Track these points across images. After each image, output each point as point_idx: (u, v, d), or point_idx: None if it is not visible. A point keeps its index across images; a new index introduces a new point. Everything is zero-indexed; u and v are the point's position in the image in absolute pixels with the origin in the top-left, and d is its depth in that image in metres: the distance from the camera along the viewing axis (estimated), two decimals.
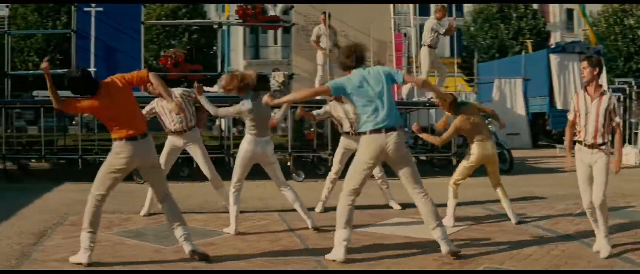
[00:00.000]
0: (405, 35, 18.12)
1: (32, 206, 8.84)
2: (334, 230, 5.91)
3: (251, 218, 7.76)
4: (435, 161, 14.48)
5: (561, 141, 19.83)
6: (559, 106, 20.87)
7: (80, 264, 5.51)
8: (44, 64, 5.52)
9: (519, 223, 7.69)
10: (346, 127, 8.54)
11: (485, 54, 36.92)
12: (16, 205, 8.63)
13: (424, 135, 7.91)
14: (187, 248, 5.72)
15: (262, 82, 10.91)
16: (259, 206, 8.94)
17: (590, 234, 6.37)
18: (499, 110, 14.37)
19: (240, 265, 5.66)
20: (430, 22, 12.47)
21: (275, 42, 46.26)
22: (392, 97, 5.90)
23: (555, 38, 42.82)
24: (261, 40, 46.79)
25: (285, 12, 30.76)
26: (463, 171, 7.71)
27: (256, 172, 7.47)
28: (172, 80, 14.55)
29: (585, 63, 6.02)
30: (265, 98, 6.31)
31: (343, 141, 8.61)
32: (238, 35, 42.07)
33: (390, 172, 6.42)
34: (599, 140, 5.86)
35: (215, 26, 16.72)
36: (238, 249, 6.26)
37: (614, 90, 22.63)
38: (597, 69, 5.88)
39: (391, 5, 16.96)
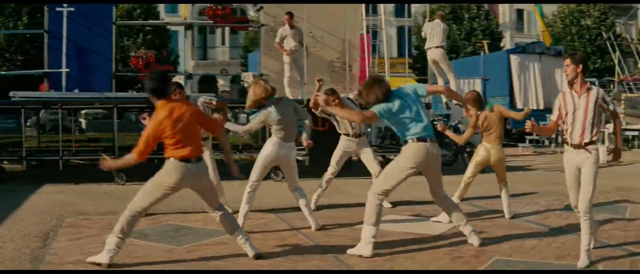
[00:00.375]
0: (375, 36, 18.36)
1: (22, 208, 8.67)
2: (337, 228, 6.02)
3: (249, 217, 7.76)
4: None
5: (521, 140, 20.34)
6: (519, 105, 21.31)
7: (99, 264, 5.45)
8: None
9: (512, 217, 7.94)
10: (348, 129, 8.56)
11: None
12: (5, 207, 8.45)
13: (449, 134, 8.12)
14: (250, 252, 5.77)
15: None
16: (253, 205, 8.96)
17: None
18: (458, 109, 14.69)
19: (264, 264, 5.69)
20: (439, 24, 12.63)
21: (223, 43, 46.03)
22: (426, 111, 6.23)
23: (506, 38, 43.66)
24: (209, 41, 46.51)
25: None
26: (473, 169, 7.99)
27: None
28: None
29: (568, 61, 5.90)
30: (321, 100, 6.31)
31: (343, 143, 8.64)
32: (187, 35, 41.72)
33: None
34: (586, 139, 5.67)
35: (185, 27, 16.62)
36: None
37: None
38: (581, 66, 5.76)
39: (362, 5, 17.19)
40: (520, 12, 50.12)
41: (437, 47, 12.68)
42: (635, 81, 24.91)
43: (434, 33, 12.65)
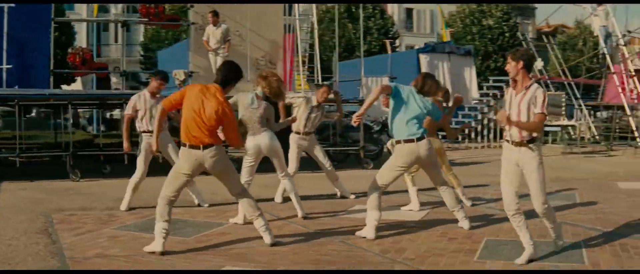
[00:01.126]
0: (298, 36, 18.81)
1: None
2: (320, 217, 7.03)
3: (232, 208, 7.97)
4: (332, 155, 15.36)
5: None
6: None
7: (154, 253, 5.80)
8: None
9: (472, 205, 8.65)
10: (300, 127, 8.95)
11: (330, 53, 37.96)
12: None
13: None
14: (267, 238, 6.14)
15: None
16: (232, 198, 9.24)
17: None
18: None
19: (283, 251, 6.06)
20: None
21: (116, 41, 45.24)
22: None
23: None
24: (103, 38, 45.67)
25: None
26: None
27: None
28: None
29: (509, 58, 5.75)
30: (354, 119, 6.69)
31: (295, 141, 9.03)
32: (82, 32, 40.60)
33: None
34: (525, 136, 5.59)
35: (120, 24, 16.48)
36: (258, 236, 6.48)
37: (487, 88, 24.84)
38: (521, 62, 5.57)
39: (282, 5, 17.65)
40: (409, 11, 52.01)
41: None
42: (552, 80, 26.73)
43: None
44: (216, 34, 13.86)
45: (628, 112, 20.40)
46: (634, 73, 21.52)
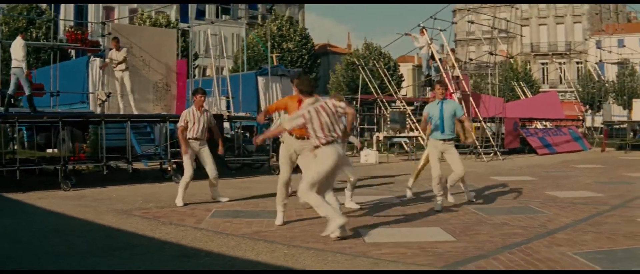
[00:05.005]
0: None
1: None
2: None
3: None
4: (229, 165, 18.30)
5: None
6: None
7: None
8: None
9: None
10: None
11: None
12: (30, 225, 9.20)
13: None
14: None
15: None
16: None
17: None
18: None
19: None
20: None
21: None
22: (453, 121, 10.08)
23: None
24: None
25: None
26: None
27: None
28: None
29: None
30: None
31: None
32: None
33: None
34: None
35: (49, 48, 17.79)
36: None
37: None
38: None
39: (175, 31, 20.08)
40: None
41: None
42: (388, 99, 31.19)
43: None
44: (119, 56, 16.46)
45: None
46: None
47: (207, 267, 6.43)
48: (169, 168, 15.29)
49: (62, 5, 48.62)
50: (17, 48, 14.58)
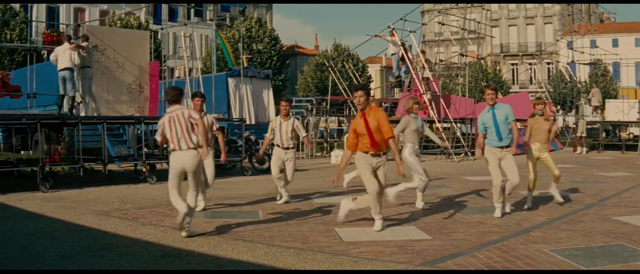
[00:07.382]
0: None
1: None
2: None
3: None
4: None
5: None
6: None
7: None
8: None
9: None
10: (276, 139, 11.20)
11: None
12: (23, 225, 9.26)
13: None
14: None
15: None
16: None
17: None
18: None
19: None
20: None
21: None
22: (507, 126, 9.79)
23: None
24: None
25: None
26: None
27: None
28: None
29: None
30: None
31: (275, 152, 11.25)
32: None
33: None
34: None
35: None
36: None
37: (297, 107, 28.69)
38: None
39: (148, 33, 20.04)
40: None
41: None
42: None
43: None
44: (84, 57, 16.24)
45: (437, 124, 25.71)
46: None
47: (192, 266, 6.51)
48: (144, 169, 15.30)
49: (34, 6, 48.29)
50: None
